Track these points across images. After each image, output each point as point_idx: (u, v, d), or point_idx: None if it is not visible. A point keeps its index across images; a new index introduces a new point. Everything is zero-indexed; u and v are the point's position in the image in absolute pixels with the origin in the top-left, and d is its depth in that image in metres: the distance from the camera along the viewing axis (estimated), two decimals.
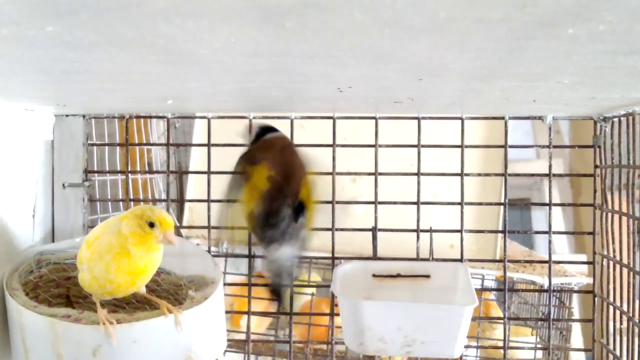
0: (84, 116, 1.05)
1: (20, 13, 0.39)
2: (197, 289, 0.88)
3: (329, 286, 0.97)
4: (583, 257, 1.45)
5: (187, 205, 1.46)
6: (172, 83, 0.70)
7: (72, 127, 1.04)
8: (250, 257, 1.07)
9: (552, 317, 1.05)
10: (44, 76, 0.64)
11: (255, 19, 0.40)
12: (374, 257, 1.04)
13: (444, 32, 0.43)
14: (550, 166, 1.03)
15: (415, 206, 1.04)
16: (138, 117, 1.08)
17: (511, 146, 1.05)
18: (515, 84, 0.68)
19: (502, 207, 1.09)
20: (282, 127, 1.06)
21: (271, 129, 0.95)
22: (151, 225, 0.76)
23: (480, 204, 1.13)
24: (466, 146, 1.03)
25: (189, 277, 0.93)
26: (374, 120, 1.04)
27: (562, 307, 1.45)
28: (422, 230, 1.03)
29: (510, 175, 1.04)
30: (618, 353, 0.94)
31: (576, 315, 1.51)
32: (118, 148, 1.17)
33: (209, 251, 1.01)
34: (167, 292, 0.95)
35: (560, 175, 1.08)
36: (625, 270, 0.92)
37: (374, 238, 1.04)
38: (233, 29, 0.43)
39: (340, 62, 0.55)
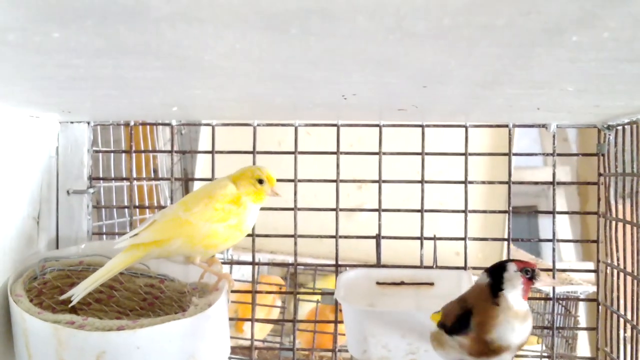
0: (88, 123, 1.05)
1: (27, 19, 0.39)
2: (200, 295, 0.88)
3: (333, 293, 0.96)
4: (590, 265, 1.45)
5: None
6: (177, 89, 0.70)
7: (76, 134, 1.04)
8: (254, 264, 1.07)
9: (556, 325, 1.05)
10: (50, 82, 0.64)
11: (260, 25, 0.40)
12: (378, 264, 1.03)
13: (448, 39, 0.43)
14: (554, 174, 1.03)
15: (420, 213, 1.04)
16: (143, 124, 1.08)
17: (515, 154, 1.05)
18: (519, 91, 0.68)
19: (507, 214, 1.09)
20: (288, 134, 1.06)
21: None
22: (260, 182, 0.89)
23: (484, 211, 1.13)
24: (470, 154, 1.03)
25: (192, 284, 0.93)
26: (378, 128, 1.04)
27: (568, 316, 1.44)
28: (426, 238, 1.03)
29: (514, 183, 1.04)
30: None
31: (582, 323, 1.51)
32: (124, 155, 1.17)
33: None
34: (171, 299, 0.95)
35: (564, 183, 1.08)
36: (629, 279, 0.92)
37: (378, 245, 1.04)
38: (238, 35, 0.43)
39: (344, 68, 0.56)
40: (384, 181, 1.04)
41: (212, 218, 0.86)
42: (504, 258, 1.28)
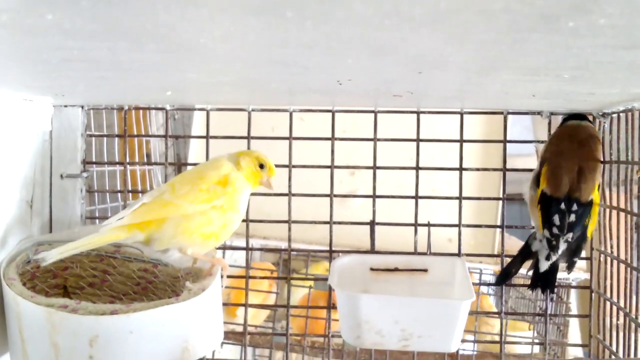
0: (82, 107, 1.04)
1: (20, 0, 0.39)
2: (194, 280, 0.88)
3: (326, 279, 0.97)
4: (583, 253, 1.46)
5: None
6: (171, 73, 0.70)
7: (70, 118, 1.04)
8: (248, 249, 1.07)
9: (548, 312, 1.06)
10: (43, 65, 0.64)
11: (255, 8, 0.40)
12: (372, 250, 1.04)
13: (444, 24, 0.43)
14: None
15: (414, 200, 1.04)
16: (137, 108, 1.07)
17: (509, 141, 1.05)
18: (515, 78, 0.68)
19: (500, 201, 1.09)
20: (282, 119, 1.06)
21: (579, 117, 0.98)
22: (261, 166, 0.90)
23: (478, 198, 1.13)
24: (465, 141, 1.03)
25: (186, 269, 0.93)
26: (373, 114, 1.03)
27: (560, 303, 1.45)
28: (420, 225, 1.03)
29: (508, 170, 1.04)
30: (614, 349, 0.94)
31: (574, 310, 1.51)
32: (117, 139, 1.17)
33: None
34: (164, 284, 0.95)
35: None
36: (622, 266, 0.92)
37: (372, 232, 1.04)
38: (233, 19, 0.43)
39: (340, 53, 0.55)
40: (378, 167, 1.04)
41: (196, 199, 0.84)
42: (497, 245, 1.28)
